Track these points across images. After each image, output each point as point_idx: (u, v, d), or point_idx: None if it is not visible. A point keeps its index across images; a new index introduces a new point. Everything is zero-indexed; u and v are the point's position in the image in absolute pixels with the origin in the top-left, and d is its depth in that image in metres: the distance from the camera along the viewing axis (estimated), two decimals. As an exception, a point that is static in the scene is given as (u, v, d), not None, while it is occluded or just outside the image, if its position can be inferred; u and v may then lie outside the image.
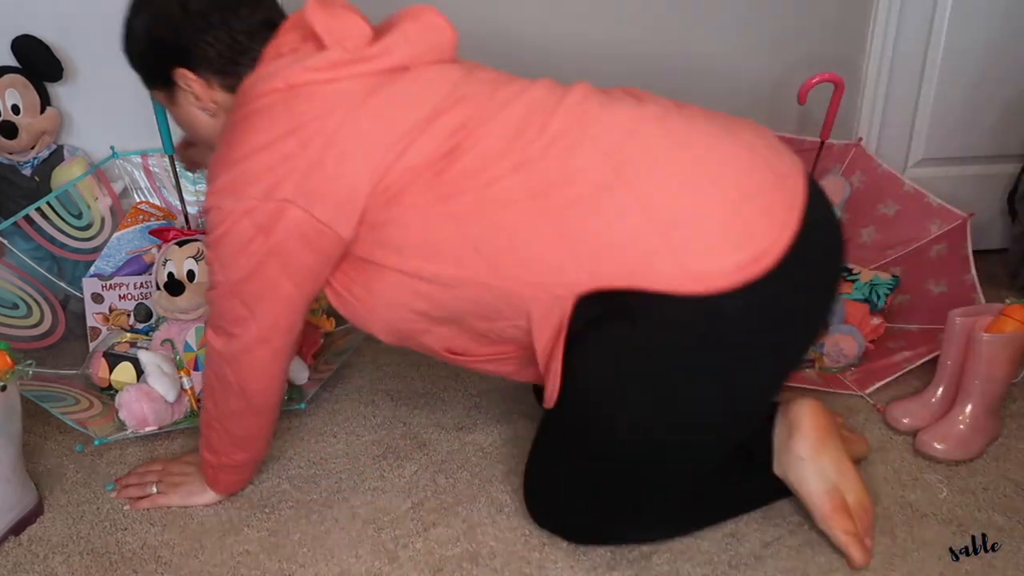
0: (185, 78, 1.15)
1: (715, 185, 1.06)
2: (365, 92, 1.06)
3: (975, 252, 1.69)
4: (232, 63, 1.14)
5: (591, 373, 1.10)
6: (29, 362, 1.27)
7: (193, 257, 1.53)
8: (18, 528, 1.29)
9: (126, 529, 1.31)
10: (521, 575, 1.22)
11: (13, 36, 1.63)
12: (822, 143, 1.72)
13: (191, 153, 1.54)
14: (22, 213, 1.67)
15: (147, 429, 1.44)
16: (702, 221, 1.04)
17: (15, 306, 1.64)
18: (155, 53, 1.17)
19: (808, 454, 1.21)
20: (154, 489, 1.34)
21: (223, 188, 1.08)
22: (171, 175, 1.67)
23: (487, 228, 1.06)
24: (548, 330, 1.08)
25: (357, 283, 1.13)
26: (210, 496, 1.33)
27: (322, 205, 1.06)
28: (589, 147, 1.06)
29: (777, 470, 1.25)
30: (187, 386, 1.50)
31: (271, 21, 1.15)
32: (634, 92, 1.16)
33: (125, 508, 1.34)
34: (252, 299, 1.12)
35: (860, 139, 1.84)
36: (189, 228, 1.67)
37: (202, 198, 1.79)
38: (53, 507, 1.35)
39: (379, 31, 1.12)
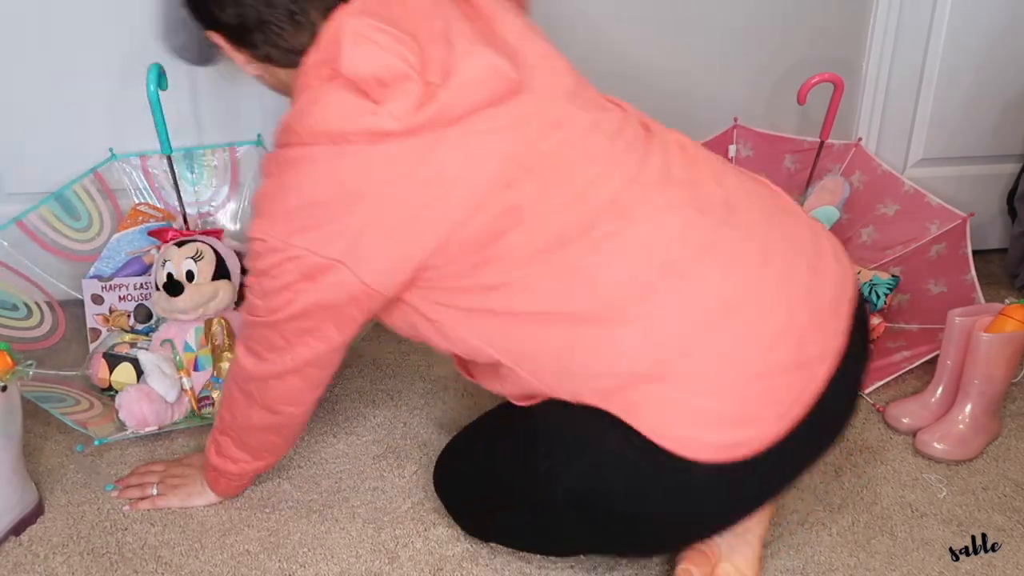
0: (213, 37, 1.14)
1: (734, 349, 1.00)
2: (415, 159, 1.00)
3: (975, 252, 1.69)
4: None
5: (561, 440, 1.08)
6: (29, 362, 1.27)
7: (192, 257, 1.53)
8: (18, 528, 1.29)
9: (126, 529, 1.31)
10: (521, 575, 1.22)
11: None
12: (822, 143, 1.72)
13: None
14: (19, 216, 1.67)
15: (147, 429, 1.44)
16: (702, 384, 1.00)
17: (15, 308, 1.64)
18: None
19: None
20: (154, 491, 1.34)
21: (270, 228, 1.04)
22: (170, 176, 1.67)
23: (515, 334, 1.06)
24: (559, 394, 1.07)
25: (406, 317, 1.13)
26: (210, 498, 1.33)
27: (371, 271, 1.03)
28: (624, 262, 1.02)
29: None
30: (187, 386, 1.50)
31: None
32: (697, 179, 1.09)
33: (125, 508, 1.34)
34: (292, 335, 1.10)
35: (860, 139, 1.84)
36: (188, 229, 1.67)
37: (201, 198, 1.80)
38: (53, 507, 1.35)
39: (429, 63, 1.02)
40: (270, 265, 1.05)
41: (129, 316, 1.66)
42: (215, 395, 1.50)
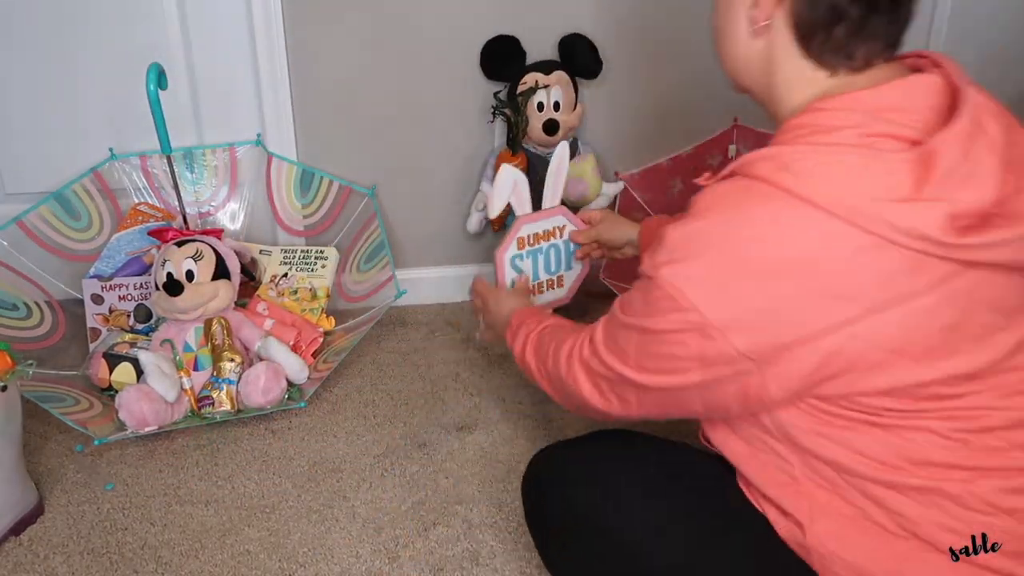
0: None
1: None
2: (916, 291, 0.79)
3: (975, 252, 1.69)
4: (820, 21, 0.86)
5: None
6: (30, 362, 1.27)
7: (192, 257, 1.53)
8: (18, 528, 1.29)
9: (126, 529, 1.31)
10: (521, 575, 1.22)
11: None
12: (822, 143, 1.71)
13: (602, 231, 1.49)
14: (19, 216, 1.67)
15: (147, 429, 1.44)
16: None
17: (15, 307, 1.64)
18: None
19: None
20: (481, 328, 1.43)
21: (690, 282, 0.83)
22: (169, 176, 1.67)
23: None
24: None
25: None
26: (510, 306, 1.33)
27: (780, 387, 0.84)
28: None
29: None
30: (187, 386, 1.50)
31: (893, 38, 0.87)
32: None
33: (125, 508, 1.34)
34: (653, 405, 0.95)
35: (860, 139, 1.83)
36: (188, 228, 1.67)
37: (201, 198, 1.80)
38: (53, 507, 1.35)
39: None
40: (666, 328, 0.86)
41: (129, 316, 1.66)
42: (215, 395, 1.50)
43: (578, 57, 1.72)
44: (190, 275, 1.52)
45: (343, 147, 1.81)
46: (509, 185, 1.44)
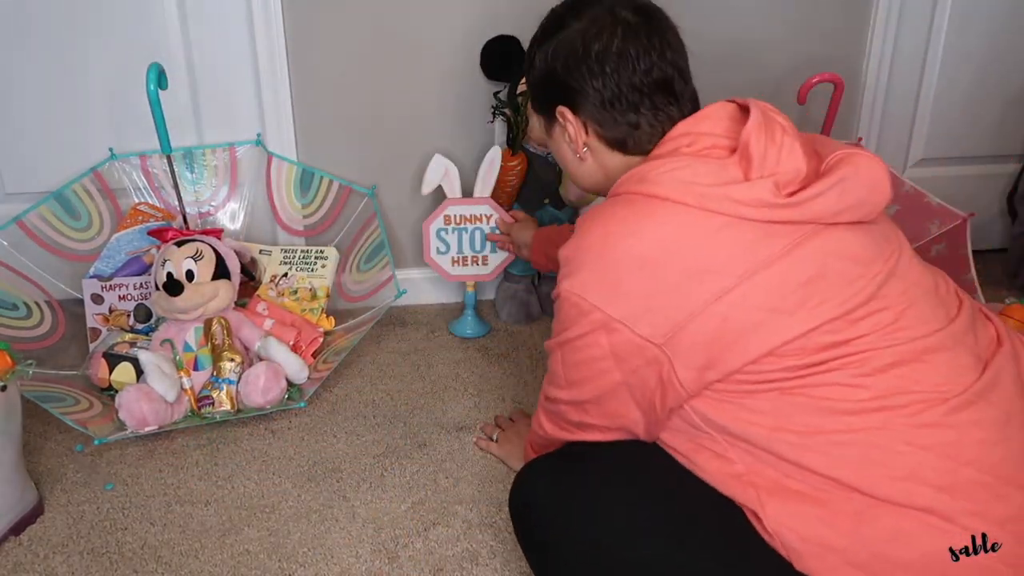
0: (564, 116, 1.10)
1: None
2: (771, 258, 0.92)
3: (975, 252, 1.69)
4: (610, 112, 1.07)
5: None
6: (30, 362, 1.27)
7: (192, 257, 1.53)
8: (18, 528, 1.29)
9: (126, 529, 1.31)
10: (521, 575, 1.22)
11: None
12: (822, 143, 1.72)
13: (513, 230, 1.71)
14: (19, 216, 1.67)
15: (147, 429, 1.44)
16: None
17: (14, 307, 1.64)
18: (546, 86, 1.12)
19: None
20: (495, 437, 1.46)
21: (587, 286, 0.97)
22: (169, 176, 1.67)
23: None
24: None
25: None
26: (519, 466, 1.31)
27: (685, 363, 0.95)
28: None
29: None
30: (187, 386, 1.50)
31: (667, 82, 1.06)
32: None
33: (125, 508, 1.34)
34: (599, 417, 1.06)
35: (860, 139, 1.84)
36: (188, 228, 1.67)
37: (201, 198, 1.80)
38: (53, 507, 1.35)
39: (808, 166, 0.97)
40: (577, 335, 0.99)
41: (129, 316, 1.66)
42: (214, 395, 1.50)
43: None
44: (190, 275, 1.52)
45: (343, 147, 1.81)
46: (440, 172, 1.71)
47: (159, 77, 1.51)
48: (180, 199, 1.68)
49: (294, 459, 1.44)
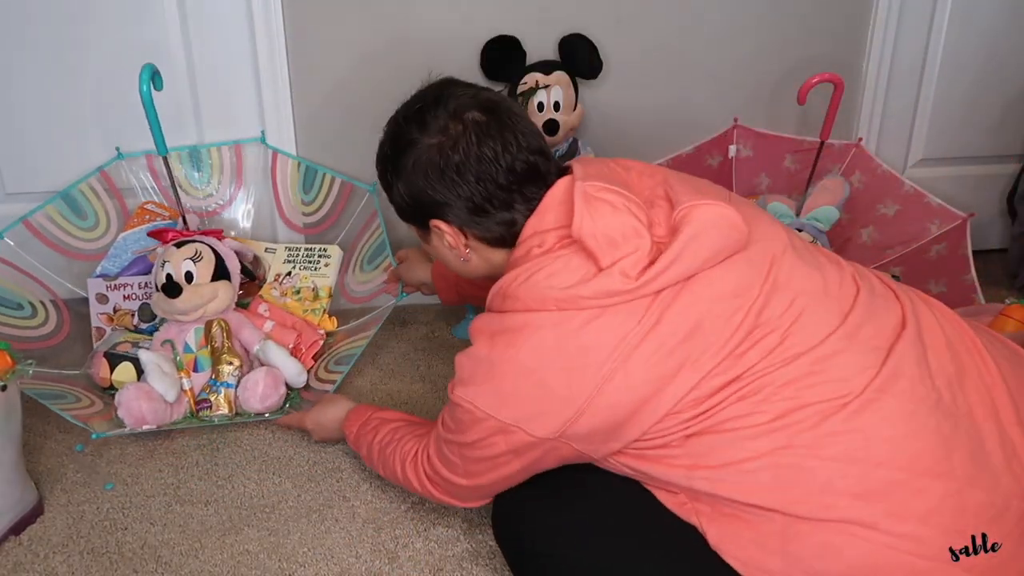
0: (439, 228, 1.11)
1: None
2: (640, 335, 0.94)
3: (975, 252, 1.69)
4: (483, 216, 1.08)
5: None
6: (29, 361, 1.27)
7: (191, 258, 1.52)
8: (18, 528, 1.29)
9: (126, 529, 1.31)
10: (521, 575, 1.22)
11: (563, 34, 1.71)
12: (822, 143, 1.72)
13: (401, 271, 1.66)
14: (26, 215, 1.67)
15: (144, 427, 1.44)
16: None
17: (19, 307, 1.64)
18: (412, 204, 1.12)
19: None
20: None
21: (478, 397, 1.02)
22: (167, 176, 1.66)
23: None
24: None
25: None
26: (337, 418, 1.39)
27: (586, 444, 1.00)
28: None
29: None
30: (187, 387, 1.50)
31: (532, 170, 1.07)
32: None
33: (125, 508, 1.34)
34: (488, 492, 1.12)
35: (860, 139, 1.84)
36: (187, 229, 1.67)
37: (208, 197, 1.80)
38: (53, 507, 1.35)
39: (655, 222, 1.00)
40: (476, 440, 1.04)
41: (133, 315, 1.66)
42: (212, 398, 1.50)
43: (578, 57, 1.72)
44: (189, 276, 1.52)
45: (343, 146, 1.81)
46: None
47: (152, 78, 1.51)
48: (178, 199, 1.68)
49: (294, 459, 1.44)
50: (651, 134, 1.85)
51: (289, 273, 1.76)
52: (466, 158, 1.05)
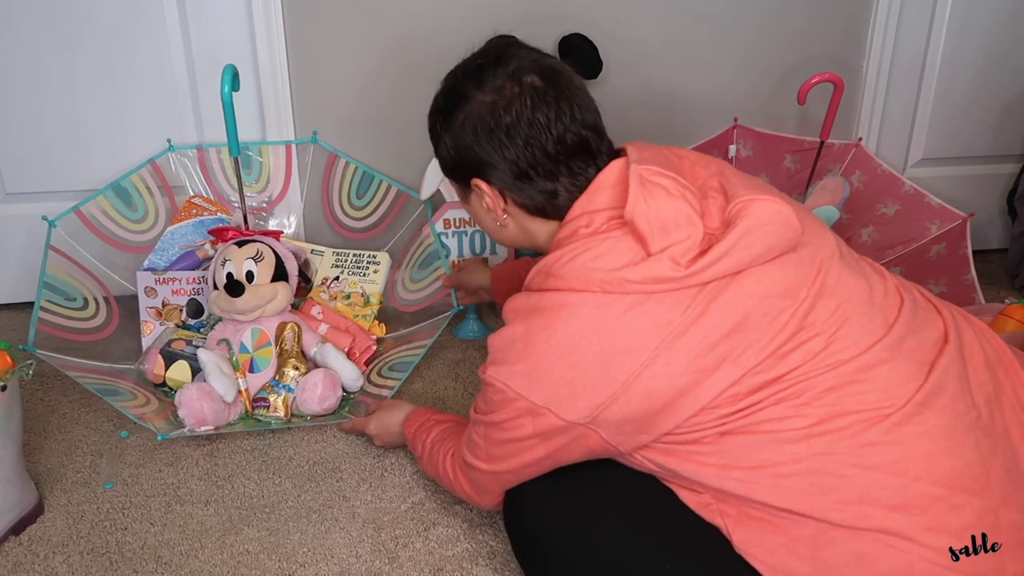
0: (480, 187, 1.09)
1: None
2: (684, 324, 0.92)
3: (975, 252, 1.69)
4: (526, 182, 1.06)
5: None
6: (29, 362, 1.27)
7: (252, 258, 1.52)
8: (18, 528, 1.29)
9: (126, 529, 1.31)
10: (521, 575, 1.22)
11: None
12: (822, 143, 1.72)
13: (462, 276, 1.67)
14: (78, 205, 1.67)
15: (203, 428, 1.43)
16: None
17: (73, 299, 1.64)
18: (458, 160, 1.11)
19: None
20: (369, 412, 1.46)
21: (511, 376, 1.00)
22: (225, 171, 1.66)
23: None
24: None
25: None
26: (399, 422, 1.39)
27: (616, 433, 0.98)
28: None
29: None
30: (242, 387, 1.49)
31: (582, 144, 1.05)
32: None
33: (125, 508, 1.34)
34: (507, 482, 1.10)
35: (860, 139, 1.84)
36: (248, 228, 1.66)
37: (256, 195, 1.80)
38: (53, 507, 1.35)
39: (708, 212, 0.99)
40: (504, 420, 1.02)
41: (181, 311, 1.66)
42: (271, 398, 1.49)
43: (578, 57, 1.71)
44: (250, 276, 1.52)
45: (343, 147, 1.81)
46: (439, 175, 1.64)
47: (233, 79, 1.51)
48: (243, 199, 1.68)
49: (294, 459, 1.44)
50: (651, 134, 1.85)
51: (337, 278, 1.76)
52: (517, 120, 1.03)
